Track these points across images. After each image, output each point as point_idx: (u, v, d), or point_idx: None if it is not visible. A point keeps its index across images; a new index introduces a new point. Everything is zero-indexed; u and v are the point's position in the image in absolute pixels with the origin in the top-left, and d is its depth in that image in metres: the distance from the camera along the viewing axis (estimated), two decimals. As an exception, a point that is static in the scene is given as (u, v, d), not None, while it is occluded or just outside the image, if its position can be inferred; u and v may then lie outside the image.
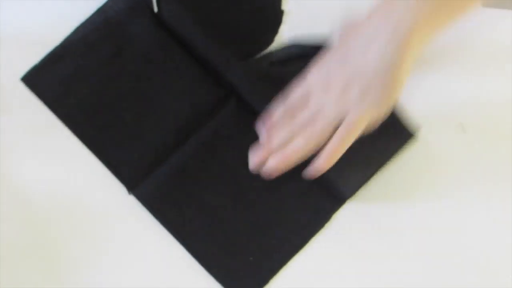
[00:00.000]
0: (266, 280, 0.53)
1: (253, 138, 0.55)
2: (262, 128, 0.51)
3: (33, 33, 0.57)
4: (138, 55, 0.56)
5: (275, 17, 0.59)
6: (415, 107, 0.56)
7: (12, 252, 0.52)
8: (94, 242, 0.53)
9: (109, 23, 0.57)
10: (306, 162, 0.55)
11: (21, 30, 0.57)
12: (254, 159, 0.51)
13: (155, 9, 0.56)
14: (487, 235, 0.55)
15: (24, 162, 0.54)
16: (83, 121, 0.55)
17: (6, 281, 0.51)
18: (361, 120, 0.48)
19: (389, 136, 0.55)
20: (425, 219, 0.55)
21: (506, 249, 0.55)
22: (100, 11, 0.57)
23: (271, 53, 0.58)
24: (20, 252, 0.52)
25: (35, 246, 0.52)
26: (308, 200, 0.54)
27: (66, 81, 0.55)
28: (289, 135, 0.50)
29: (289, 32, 0.58)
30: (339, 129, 0.48)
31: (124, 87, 0.56)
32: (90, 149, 0.54)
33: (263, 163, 0.51)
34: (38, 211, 0.53)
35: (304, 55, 0.54)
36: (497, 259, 0.55)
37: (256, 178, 0.54)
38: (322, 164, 0.49)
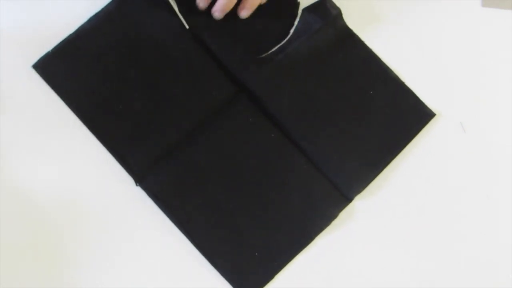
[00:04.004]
0: (271, 275, 0.53)
1: (262, 135, 0.55)
2: None
3: (33, 33, 0.57)
4: (151, 47, 0.56)
5: (291, 10, 0.59)
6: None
7: (12, 252, 0.52)
8: (94, 241, 0.53)
9: (124, 14, 0.57)
10: (307, 157, 0.55)
11: (21, 30, 0.57)
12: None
13: (186, 26, 0.57)
14: (487, 234, 0.55)
15: (24, 162, 0.54)
16: (93, 111, 0.55)
17: (6, 281, 0.51)
18: None
19: (410, 115, 0.57)
20: (426, 219, 0.55)
21: (505, 249, 0.55)
22: (114, 1, 0.57)
23: (285, 44, 0.58)
24: (20, 252, 0.52)
25: (35, 246, 0.52)
26: (315, 197, 0.54)
27: (77, 70, 0.55)
28: None
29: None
30: None
31: (136, 79, 0.56)
32: (98, 138, 0.54)
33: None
34: (38, 211, 0.53)
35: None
36: (497, 258, 0.55)
37: (264, 174, 0.55)
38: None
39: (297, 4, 0.60)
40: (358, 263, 0.54)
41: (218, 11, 0.56)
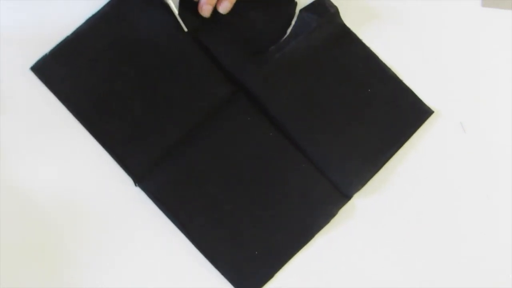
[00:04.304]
0: (271, 274, 0.53)
1: (261, 134, 0.55)
2: None
3: (33, 33, 0.57)
4: (149, 48, 0.56)
5: (289, 10, 0.60)
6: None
7: (12, 252, 0.52)
8: (94, 241, 0.53)
9: (121, 15, 0.57)
10: (306, 156, 0.55)
11: (21, 30, 0.57)
12: None
13: (185, 29, 0.57)
14: (487, 234, 0.55)
15: (24, 162, 0.54)
16: (92, 112, 0.55)
17: (6, 281, 0.51)
18: None
19: (408, 113, 0.57)
20: (425, 218, 0.55)
21: (505, 249, 0.55)
22: (112, 2, 0.57)
23: (283, 43, 0.58)
24: (20, 252, 0.52)
25: (35, 246, 0.52)
26: (314, 196, 0.55)
27: (75, 71, 0.55)
28: None
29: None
30: None
31: (134, 79, 0.56)
32: (97, 140, 0.54)
33: None
34: (38, 211, 0.53)
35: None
36: (497, 258, 0.55)
37: (263, 173, 0.55)
38: None
39: (295, 3, 0.60)
40: (358, 261, 0.54)
41: (204, 4, 0.55)
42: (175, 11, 0.56)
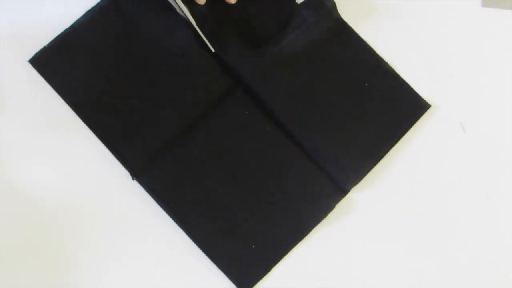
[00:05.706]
0: (268, 268, 0.53)
1: (258, 128, 0.56)
2: None
3: (33, 33, 0.57)
4: (147, 42, 0.57)
5: (287, 4, 0.60)
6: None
7: (12, 252, 0.52)
8: (94, 240, 0.53)
9: (119, 8, 0.57)
10: (304, 150, 0.55)
11: (21, 30, 0.57)
12: None
13: (212, 49, 0.56)
14: (487, 234, 0.55)
15: (24, 162, 0.54)
16: (90, 105, 0.55)
17: (6, 281, 0.51)
18: None
19: (405, 107, 0.57)
20: (424, 217, 0.55)
21: (505, 249, 0.55)
22: None
23: (280, 37, 0.58)
24: (20, 252, 0.52)
25: (35, 246, 0.52)
26: (311, 190, 0.55)
27: (74, 64, 0.56)
28: None
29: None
30: None
31: (132, 72, 0.56)
32: (95, 133, 0.54)
33: None
34: (38, 211, 0.53)
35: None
36: (497, 258, 0.55)
37: (260, 167, 0.55)
38: None
39: None
40: (355, 255, 0.54)
41: None
42: (199, 30, 0.56)
